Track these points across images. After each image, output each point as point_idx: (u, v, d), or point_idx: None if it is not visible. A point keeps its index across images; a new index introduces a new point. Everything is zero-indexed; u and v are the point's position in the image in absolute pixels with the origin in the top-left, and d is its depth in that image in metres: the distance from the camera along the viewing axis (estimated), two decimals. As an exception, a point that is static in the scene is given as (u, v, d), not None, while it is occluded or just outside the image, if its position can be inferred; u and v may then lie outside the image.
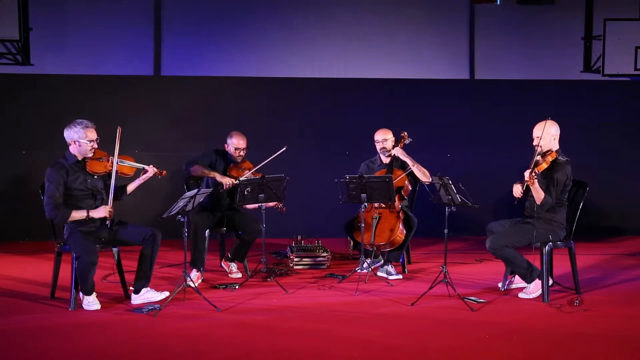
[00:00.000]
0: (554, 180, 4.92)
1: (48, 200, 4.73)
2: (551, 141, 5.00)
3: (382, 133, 6.06)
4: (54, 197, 4.72)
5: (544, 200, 4.89)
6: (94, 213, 4.81)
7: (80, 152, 4.84)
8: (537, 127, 5.02)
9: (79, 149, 4.83)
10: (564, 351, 3.91)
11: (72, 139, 4.81)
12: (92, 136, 4.82)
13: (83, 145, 4.81)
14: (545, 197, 4.89)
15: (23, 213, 7.59)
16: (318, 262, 6.25)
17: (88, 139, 4.80)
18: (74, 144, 4.82)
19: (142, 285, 4.89)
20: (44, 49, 7.82)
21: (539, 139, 4.97)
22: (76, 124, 4.80)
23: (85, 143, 4.79)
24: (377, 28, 8.33)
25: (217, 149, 5.94)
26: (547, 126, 4.96)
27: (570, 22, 8.35)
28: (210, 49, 8.19)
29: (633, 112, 8.30)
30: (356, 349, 3.92)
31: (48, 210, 4.74)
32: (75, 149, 4.83)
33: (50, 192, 4.73)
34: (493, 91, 8.29)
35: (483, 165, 8.15)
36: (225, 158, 5.91)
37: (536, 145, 4.98)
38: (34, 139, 7.73)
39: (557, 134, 5.03)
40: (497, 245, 4.96)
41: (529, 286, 5.04)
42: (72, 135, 4.80)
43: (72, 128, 4.80)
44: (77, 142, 4.80)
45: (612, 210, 8.19)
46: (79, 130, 4.78)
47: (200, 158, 5.86)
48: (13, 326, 4.35)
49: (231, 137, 5.86)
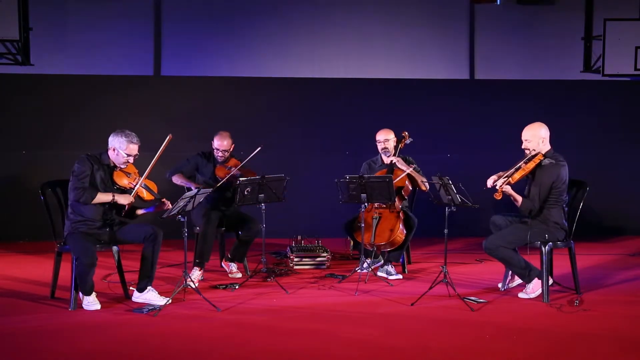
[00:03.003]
0: (537, 184, 4.91)
1: (75, 181, 4.76)
2: (539, 143, 4.97)
3: (383, 133, 6.06)
4: (83, 179, 4.76)
5: (524, 206, 4.89)
6: (119, 198, 4.84)
7: (115, 160, 4.89)
8: (525, 130, 5.02)
9: (115, 157, 4.88)
10: (564, 351, 3.91)
11: (113, 146, 4.85)
12: (132, 151, 4.88)
13: (120, 156, 4.86)
14: (524, 201, 4.89)
15: (23, 213, 7.59)
16: (318, 262, 6.25)
17: (127, 152, 4.85)
18: (112, 150, 4.86)
19: (145, 284, 4.89)
20: (44, 49, 7.82)
21: (527, 142, 4.97)
22: (123, 135, 4.84)
23: (123, 155, 4.85)
24: (377, 28, 8.34)
25: (203, 152, 5.97)
26: (535, 128, 4.97)
27: (570, 22, 8.36)
28: (210, 49, 8.19)
29: (633, 112, 8.30)
30: (356, 349, 3.92)
31: (73, 192, 4.76)
32: (112, 155, 4.88)
33: (80, 172, 4.76)
34: (493, 91, 8.29)
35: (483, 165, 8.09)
36: (212, 159, 5.92)
37: (525, 149, 4.98)
38: (34, 139, 7.73)
39: (547, 135, 5.00)
40: (493, 245, 4.96)
41: (529, 286, 5.04)
42: (115, 143, 4.85)
43: (118, 137, 4.84)
44: (117, 150, 4.85)
45: (612, 210, 8.19)
46: (123, 141, 4.83)
47: (184, 165, 5.91)
48: (13, 326, 4.35)
49: (215, 137, 5.87)
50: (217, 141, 5.84)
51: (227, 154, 5.87)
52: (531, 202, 4.91)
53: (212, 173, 5.84)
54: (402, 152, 6.04)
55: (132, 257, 5.63)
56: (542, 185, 4.90)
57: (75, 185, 4.76)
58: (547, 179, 4.91)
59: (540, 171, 4.92)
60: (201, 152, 5.99)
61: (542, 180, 4.91)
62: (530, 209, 4.92)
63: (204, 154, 5.96)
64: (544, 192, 4.92)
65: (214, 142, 5.87)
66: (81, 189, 4.74)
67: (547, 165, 4.92)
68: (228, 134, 5.87)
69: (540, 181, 4.91)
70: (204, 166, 5.91)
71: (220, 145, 5.82)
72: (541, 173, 4.91)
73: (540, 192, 4.91)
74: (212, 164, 5.89)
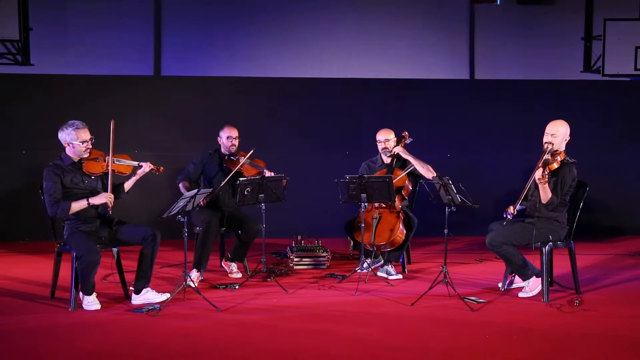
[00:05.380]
0: (560, 180, 4.93)
1: (47, 198, 4.74)
2: (562, 141, 5.01)
3: (384, 133, 6.06)
4: (53, 194, 4.71)
5: (550, 200, 4.91)
6: (93, 200, 4.78)
7: (75, 153, 4.82)
8: (551, 125, 5.02)
9: (73, 151, 4.81)
10: (564, 351, 3.91)
11: (66, 141, 4.79)
12: (84, 137, 4.79)
13: (77, 147, 4.79)
14: (552, 196, 4.91)
15: (23, 213, 7.59)
16: (318, 262, 6.25)
17: (80, 140, 4.77)
18: (68, 146, 4.80)
19: (142, 285, 4.89)
20: (44, 49, 7.82)
21: (553, 137, 4.97)
22: (68, 126, 4.77)
23: (78, 145, 4.78)
24: (377, 28, 8.34)
25: (207, 151, 6.01)
26: (561, 125, 4.99)
27: (570, 22, 8.35)
28: (210, 49, 8.19)
29: (633, 112, 8.30)
30: (356, 349, 3.92)
31: (49, 208, 4.74)
32: (70, 150, 4.82)
33: (48, 189, 4.73)
34: (493, 91, 8.29)
35: (483, 165, 8.15)
36: (219, 154, 5.94)
37: (547, 143, 4.98)
38: (34, 139, 7.72)
39: (568, 134, 5.04)
40: (496, 242, 4.97)
41: (528, 284, 5.05)
42: (65, 138, 4.79)
43: (65, 130, 4.78)
44: (71, 144, 4.78)
45: (612, 210, 8.19)
46: (71, 132, 4.76)
47: (190, 171, 5.93)
48: (13, 326, 4.35)
49: (222, 129, 5.94)
50: (227, 132, 5.91)
51: (238, 143, 5.91)
52: (556, 198, 4.94)
53: (218, 168, 5.85)
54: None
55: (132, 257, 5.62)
56: (564, 183, 4.94)
57: (49, 202, 4.72)
58: (569, 177, 4.95)
59: (564, 169, 4.95)
60: (203, 153, 6.01)
61: (565, 178, 4.94)
62: (555, 204, 4.95)
63: (208, 153, 5.99)
64: (564, 190, 4.95)
65: (222, 135, 5.92)
66: (55, 205, 4.70)
67: (569, 164, 4.98)
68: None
69: (564, 179, 4.94)
70: (209, 163, 5.93)
71: (232, 132, 5.90)
72: (564, 171, 4.94)
73: (562, 190, 4.94)
74: (217, 160, 5.90)
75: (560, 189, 4.94)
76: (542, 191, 4.90)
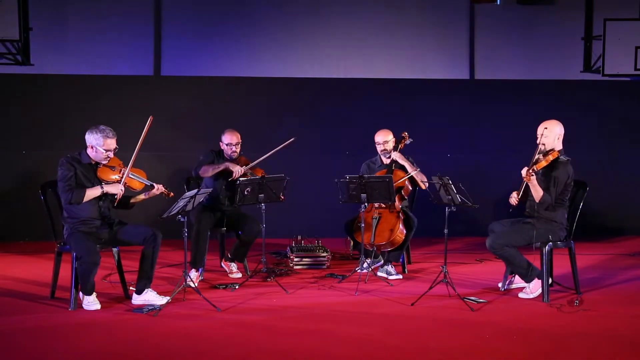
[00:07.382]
0: (553, 179, 4.92)
1: (62, 185, 4.75)
2: (555, 140, 4.99)
3: (382, 134, 6.05)
4: (68, 181, 4.74)
5: (543, 199, 4.90)
6: (108, 188, 4.81)
7: (95, 157, 4.85)
8: (542, 125, 5.02)
9: (95, 154, 4.84)
10: (564, 351, 3.92)
11: (91, 144, 4.81)
12: (110, 146, 4.82)
13: (99, 153, 4.81)
14: (544, 195, 4.90)
15: (23, 213, 7.59)
16: (318, 262, 6.25)
17: (105, 148, 4.80)
18: (91, 148, 4.83)
19: (144, 285, 4.88)
20: (44, 49, 7.81)
21: (544, 137, 4.97)
22: (99, 131, 4.79)
23: (102, 151, 4.80)
24: (377, 28, 8.33)
25: (212, 150, 5.96)
26: (552, 125, 4.98)
27: (570, 22, 8.35)
28: (210, 49, 8.19)
29: (633, 112, 8.29)
30: (356, 349, 3.93)
31: (63, 195, 4.77)
32: (91, 152, 4.84)
33: (64, 176, 4.75)
34: (493, 91, 8.29)
35: (483, 165, 8.15)
36: (221, 157, 5.91)
37: (539, 143, 4.98)
38: (34, 139, 7.73)
39: (562, 133, 5.02)
40: (497, 244, 4.97)
41: (529, 286, 5.05)
42: (91, 140, 4.80)
43: (93, 133, 4.80)
44: (95, 148, 4.81)
45: (612, 210, 8.19)
46: (99, 137, 4.78)
47: (205, 159, 5.86)
48: (13, 326, 4.35)
49: (224, 134, 5.88)
50: (228, 137, 5.84)
51: (239, 149, 5.87)
52: (549, 197, 4.92)
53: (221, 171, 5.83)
54: (402, 152, 6.03)
55: (132, 257, 5.63)
56: (559, 183, 4.93)
57: (64, 189, 4.75)
58: (563, 176, 4.94)
59: (557, 168, 4.93)
60: (211, 149, 5.96)
61: (559, 178, 4.92)
62: (548, 203, 4.93)
63: (213, 151, 5.94)
64: (559, 189, 4.94)
65: (223, 140, 5.86)
66: (69, 191, 4.73)
67: (563, 162, 4.95)
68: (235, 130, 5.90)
69: (558, 178, 4.92)
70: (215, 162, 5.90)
71: (232, 139, 5.83)
72: (558, 169, 4.93)
73: (556, 189, 4.93)
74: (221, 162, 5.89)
75: (555, 188, 4.92)
76: (532, 190, 4.90)
